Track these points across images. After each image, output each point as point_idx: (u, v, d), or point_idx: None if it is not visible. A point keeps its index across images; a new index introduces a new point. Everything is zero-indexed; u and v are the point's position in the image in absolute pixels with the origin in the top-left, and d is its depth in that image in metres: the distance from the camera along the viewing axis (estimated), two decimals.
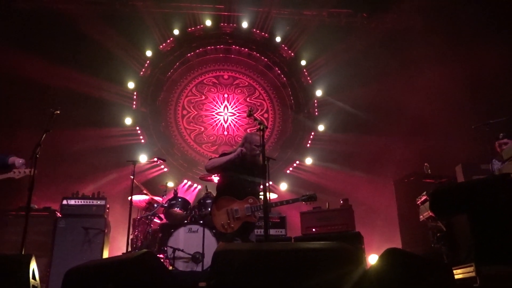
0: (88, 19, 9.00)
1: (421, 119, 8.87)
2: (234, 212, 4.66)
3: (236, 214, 4.66)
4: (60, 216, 6.82)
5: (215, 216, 4.70)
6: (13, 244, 6.38)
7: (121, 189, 8.21)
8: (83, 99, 8.70)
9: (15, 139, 7.49)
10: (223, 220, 4.64)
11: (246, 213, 4.66)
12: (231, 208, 4.68)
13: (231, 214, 4.65)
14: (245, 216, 4.66)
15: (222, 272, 2.63)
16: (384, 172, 8.63)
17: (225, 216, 4.65)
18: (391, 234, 7.88)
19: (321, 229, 6.39)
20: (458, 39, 8.87)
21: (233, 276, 2.63)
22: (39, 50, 8.49)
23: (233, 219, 4.64)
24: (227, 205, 4.71)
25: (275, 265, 2.68)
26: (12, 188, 7.02)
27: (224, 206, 4.71)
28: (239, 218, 4.65)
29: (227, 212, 4.67)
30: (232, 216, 4.65)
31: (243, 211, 4.67)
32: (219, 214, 4.69)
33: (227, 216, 4.65)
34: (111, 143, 8.92)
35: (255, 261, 2.69)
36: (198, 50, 10.09)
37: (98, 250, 6.67)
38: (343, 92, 9.66)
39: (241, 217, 4.66)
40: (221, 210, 4.70)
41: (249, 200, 4.70)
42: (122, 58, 9.35)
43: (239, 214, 4.66)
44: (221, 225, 4.64)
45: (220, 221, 4.65)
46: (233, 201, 4.73)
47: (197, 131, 9.79)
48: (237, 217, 4.65)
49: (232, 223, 4.62)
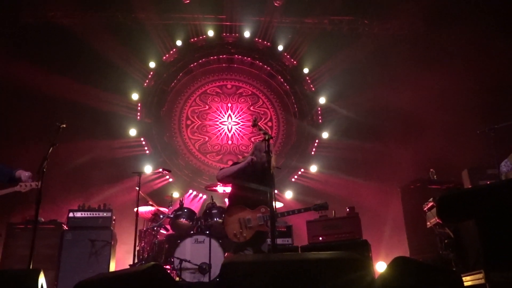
0: (92, 32, 9.10)
1: (425, 125, 8.85)
2: (247, 221, 4.69)
3: (248, 224, 4.68)
4: (67, 229, 6.84)
5: (227, 225, 4.73)
6: (21, 258, 6.42)
7: (127, 201, 8.21)
8: (88, 111, 8.76)
9: (21, 152, 7.53)
10: (236, 229, 4.66)
11: (258, 222, 4.68)
12: (244, 217, 4.71)
13: (243, 223, 4.68)
14: (257, 225, 4.68)
15: (230, 284, 2.63)
16: (390, 178, 8.58)
17: (237, 225, 4.68)
18: (398, 241, 7.82)
19: (328, 238, 6.37)
20: (461, 44, 8.87)
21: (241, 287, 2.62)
22: (45, 63, 8.60)
23: (245, 228, 4.67)
24: (239, 214, 4.74)
25: (283, 276, 2.67)
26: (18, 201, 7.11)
27: (236, 215, 4.75)
28: (252, 228, 4.68)
29: (239, 221, 4.70)
30: (245, 225, 4.67)
31: (256, 221, 4.70)
32: (231, 223, 4.72)
33: (240, 225, 4.67)
34: (116, 154, 8.97)
35: (263, 272, 2.68)
36: (201, 60, 10.15)
37: (105, 262, 6.67)
38: (347, 99, 9.67)
39: (253, 226, 4.68)
40: (233, 219, 4.73)
41: (261, 210, 4.73)
42: (126, 70, 9.42)
43: (252, 224, 4.69)
44: (233, 234, 4.66)
45: (232, 230, 4.67)
46: (245, 210, 4.76)
47: (202, 140, 9.81)
48: (249, 226, 4.67)
49: (244, 232, 4.64)
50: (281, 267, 2.72)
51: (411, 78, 9.10)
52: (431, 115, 8.79)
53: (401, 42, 9.76)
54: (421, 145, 8.70)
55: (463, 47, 8.76)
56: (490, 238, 3.71)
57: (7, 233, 6.79)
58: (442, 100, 8.68)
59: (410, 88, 9.05)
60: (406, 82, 9.09)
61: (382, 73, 9.37)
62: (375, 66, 9.46)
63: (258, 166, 4.92)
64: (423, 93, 8.90)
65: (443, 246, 5.79)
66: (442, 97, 8.69)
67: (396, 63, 9.32)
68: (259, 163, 4.91)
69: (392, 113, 9.37)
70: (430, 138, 8.71)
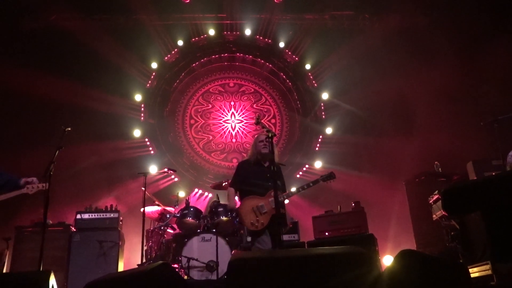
0: (93, 35, 9.14)
1: (429, 118, 8.84)
2: (260, 208, 4.77)
3: (262, 210, 4.76)
4: (75, 231, 6.90)
5: (243, 217, 4.81)
6: (30, 260, 6.48)
7: (133, 201, 8.27)
8: (92, 113, 8.81)
9: (28, 156, 7.59)
10: (252, 219, 4.75)
11: (272, 206, 4.72)
12: (257, 205, 4.80)
13: (257, 210, 4.76)
14: (271, 209, 4.74)
15: (238, 281, 2.66)
16: (395, 172, 8.58)
17: (252, 215, 4.76)
18: (404, 235, 7.83)
19: (334, 233, 6.40)
20: (464, 36, 8.84)
21: (249, 284, 2.65)
22: (47, 67, 8.63)
23: (260, 215, 4.75)
24: (252, 203, 4.83)
25: (290, 272, 2.69)
26: (25, 204, 7.17)
27: (249, 205, 4.83)
28: (267, 213, 4.76)
29: (253, 210, 4.78)
30: (259, 212, 4.76)
31: (269, 205, 4.77)
32: (246, 214, 4.80)
33: (254, 213, 4.76)
34: (121, 155, 9.02)
35: (270, 268, 2.70)
36: (202, 60, 10.18)
37: (114, 262, 6.73)
38: (349, 94, 9.67)
39: (268, 211, 4.76)
40: (247, 209, 4.81)
41: (272, 193, 4.72)
42: (128, 71, 9.46)
43: (266, 209, 4.77)
44: (250, 223, 4.74)
45: (249, 221, 4.75)
46: (257, 198, 4.85)
47: (206, 139, 9.84)
48: (264, 212, 4.76)
49: (261, 219, 4.73)
50: (288, 263, 2.74)
51: (413, 71, 9.08)
52: (434, 108, 8.77)
53: (402, 36, 9.72)
54: (426, 138, 8.69)
55: (465, 39, 8.73)
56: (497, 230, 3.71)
57: (16, 236, 6.85)
58: (445, 93, 8.66)
59: (413, 82, 9.03)
60: (409, 76, 9.06)
61: (384, 67, 9.34)
62: (377, 61, 9.43)
63: (260, 157, 5.06)
64: (426, 86, 8.88)
65: (449, 238, 5.81)
66: (445, 89, 8.66)
67: (398, 57, 9.29)
68: (260, 154, 5.05)
69: (395, 107, 9.36)
70: (434, 131, 8.71)
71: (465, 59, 8.45)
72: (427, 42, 9.41)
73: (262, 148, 5.03)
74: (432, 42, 9.30)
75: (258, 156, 5.11)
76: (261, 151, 5.04)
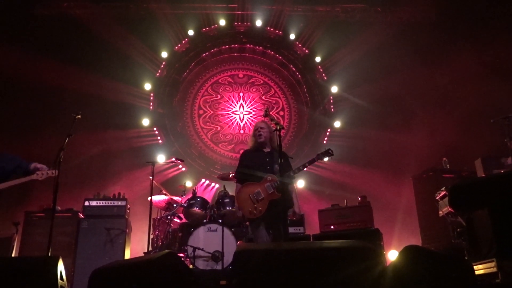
0: (104, 23, 9.18)
1: (438, 113, 8.79)
2: (256, 194, 4.67)
3: (258, 196, 4.66)
4: (83, 217, 6.97)
5: (241, 205, 4.74)
6: (39, 245, 6.58)
7: (140, 190, 8.33)
8: (101, 101, 8.86)
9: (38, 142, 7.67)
10: (250, 206, 4.64)
11: (268, 192, 4.65)
12: (253, 192, 4.69)
13: (254, 198, 4.66)
14: (268, 195, 4.65)
15: (243, 272, 2.68)
16: (402, 167, 8.55)
17: (249, 202, 4.67)
18: (410, 230, 7.81)
19: (339, 227, 6.40)
20: (474, 32, 8.74)
21: (254, 275, 2.68)
22: (58, 54, 8.70)
23: (257, 201, 4.64)
24: (248, 191, 4.73)
25: (294, 264, 2.72)
26: (35, 190, 7.27)
27: (246, 193, 4.73)
28: (263, 199, 4.64)
29: (250, 197, 4.68)
30: (256, 199, 4.65)
31: (265, 191, 4.67)
32: (243, 202, 4.72)
33: (251, 201, 4.66)
34: (130, 144, 9.08)
35: (275, 260, 2.73)
36: (212, 50, 10.16)
37: (120, 250, 6.80)
38: (359, 87, 9.60)
39: (264, 197, 4.65)
40: (244, 197, 4.73)
41: (267, 179, 4.70)
42: (138, 60, 9.48)
43: (262, 195, 4.66)
44: (249, 211, 4.65)
45: (247, 208, 4.66)
46: (253, 185, 4.75)
47: (214, 130, 9.86)
48: (261, 199, 4.64)
49: (259, 206, 4.62)
50: (293, 256, 2.76)
51: (423, 66, 9.02)
52: (444, 103, 8.72)
53: (413, 30, 9.64)
54: (434, 134, 8.64)
55: (476, 35, 8.62)
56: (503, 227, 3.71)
57: (25, 221, 6.95)
58: (455, 89, 8.58)
59: (423, 77, 8.97)
60: (419, 71, 9.00)
61: (395, 62, 9.27)
62: (388, 55, 9.35)
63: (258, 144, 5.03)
64: (436, 81, 8.83)
65: (455, 235, 5.80)
66: (455, 85, 8.59)
67: (408, 52, 9.22)
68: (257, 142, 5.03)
69: (405, 101, 9.30)
70: (443, 127, 8.66)
71: (477, 55, 8.35)
72: (437, 37, 9.31)
73: (258, 136, 5.02)
74: (442, 37, 9.21)
75: (257, 144, 5.07)
76: (258, 140, 5.03)
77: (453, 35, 9.06)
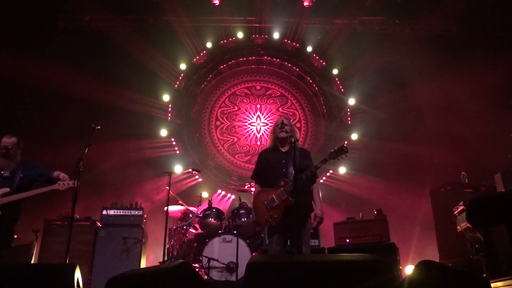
0: (125, 36, 9.40)
1: (458, 127, 8.67)
2: (270, 201, 4.43)
3: (272, 203, 4.41)
4: (100, 226, 7.08)
5: (257, 214, 4.53)
6: (57, 252, 6.69)
7: (157, 200, 8.43)
8: (121, 112, 9.03)
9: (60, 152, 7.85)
10: (265, 215, 4.41)
11: (282, 197, 4.40)
12: (267, 199, 4.45)
13: (268, 205, 4.42)
14: (282, 201, 4.39)
15: (255, 284, 2.69)
16: (420, 180, 8.45)
17: (264, 210, 4.43)
18: (428, 245, 7.69)
19: (355, 240, 6.34)
20: (494, 45, 8.64)
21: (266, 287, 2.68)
22: (80, 66, 8.91)
23: (271, 209, 4.40)
24: (262, 198, 4.50)
25: (308, 277, 2.71)
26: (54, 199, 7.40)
27: (260, 201, 4.51)
28: (278, 206, 4.40)
29: (264, 205, 4.45)
30: (270, 206, 4.41)
31: (279, 197, 4.41)
32: (258, 210, 4.50)
33: (266, 209, 4.43)
34: (148, 154, 9.21)
35: (288, 273, 2.73)
36: (230, 62, 10.28)
37: (136, 259, 6.89)
38: (377, 100, 9.56)
39: (279, 204, 4.40)
40: (258, 206, 4.51)
41: (281, 183, 4.46)
42: (157, 72, 9.65)
43: (276, 202, 4.41)
44: (264, 220, 4.42)
45: (262, 217, 4.44)
46: (268, 191, 4.51)
47: (231, 141, 9.93)
48: (275, 206, 4.40)
49: (274, 214, 4.38)
50: (306, 268, 2.76)
51: (442, 79, 8.93)
52: (463, 117, 8.60)
53: (432, 43, 9.58)
54: (453, 148, 8.54)
55: (497, 48, 8.52)
56: None
57: (45, 229, 7.09)
58: (475, 102, 8.47)
59: (442, 90, 8.88)
60: (438, 84, 8.92)
61: (413, 74, 9.21)
62: (406, 67, 9.29)
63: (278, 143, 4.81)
64: (456, 94, 8.71)
65: (473, 250, 5.69)
66: (475, 99, 8.47)
67: (427, 64, 9.15)
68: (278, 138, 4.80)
69: (423, 115, 9.23)
70: (462, 141, 8.54)
71: (497, 69, 8.23)
72: (457, 50, 9.23)
73: (279, 132, 4.73)
74: (463, 49, 9.12)
75: (277, 142, 4.81)
76: (278, 136, 4.76)
77: (472, 48, 8.96)
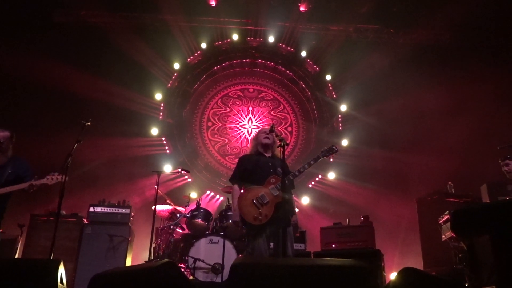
0: (119, 32, 9.36)
1: (446, 137, 8.77)
2: (260, 198, 4.27)
3: (263, 200, 4.27)
4: (87, 223, 7.04)
5: (244, 212, 4.28)
6: (42, 248, 6.63)
7: (145, 198, 8.40)
8: (112, 109, 8.99)
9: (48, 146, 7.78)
10: (254, 212, 4.21)
11: (273, 194, 4.30)
12: (257, 196, 4.29)
13: (258, 202, 4.26)
14: (273, 197, 4.28)
15: (239, 286, 2.70)
16: (407, 189, 8.53)
17: (253, 208, 4.24)
18: (413, 253, 7.75)
19: (341, 245, 6.38)
20: (487, 56, 8.77)
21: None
22: (73, 61, 8.85)
23: (262, 206, 4.24)
24: (251, 196, 4.32)
25: (292, 280, 2.73)
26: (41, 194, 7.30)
27: (249, 198, 4.32)
28: (269, 203, 4.26)
29: (253, 202, 4.27)
30: (261, 203, 4.26)
31: (270, 194, 4.30)
32: (246, 208, 4.28)
33: (256, 206, 4.25)
34: (137, 152, 9.17)
35: (273, 275, 2.74)
36: (224, 64, 10.30)
37: (122, 257, 6.85)
38: (368, 107, 9.64)
39: (270, 200, 4.27)
40: (247, 203, 4.30)
41: (271, 181, 4.37)
42: (151, 70, 9.63)
43: (268, 198, 4.28)
44: (253, 218, 4.21)
45: (251, 215, 4.22)
46: (256, 188, 4.36)
47: (221, 142, 9.93)
48: (266, 203, 4.25)
49: (264, 211, 4.22)
50: (289, 271, 2.78)
51: (433, 89, 9.02)
52: (452, 127, 8.70)
53: (426, 53, 9.68)
54: (441, 157, 8.62)
55: (489, 60, 8.64)
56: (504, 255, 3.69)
57: (30, 224, 7.01)
58: (464, 113, 8.57)
59: (432, 99, 8.96)
60: (428, 93, 9.00)
61: (405, 83, 9.29)
62: (398, 76, 9.36)
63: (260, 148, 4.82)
64: (445, 104, 8.81)
65: (457, 260, 5.75)
66: (464, 109, 8.58)
67: (420, 73, 9.24)
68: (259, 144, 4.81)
69: (414, 123, 9.30)
70: (450, 151, 8.63)
71: (487, 80, 8.35)
72: (449, 60, 9.35)
73: (263, 138, 4.73)
74: (454, 60, 9.23)
75: (259, 148, 4.79)
76: (262, 141, 4.74)
77: (465, 59, 9.07)
